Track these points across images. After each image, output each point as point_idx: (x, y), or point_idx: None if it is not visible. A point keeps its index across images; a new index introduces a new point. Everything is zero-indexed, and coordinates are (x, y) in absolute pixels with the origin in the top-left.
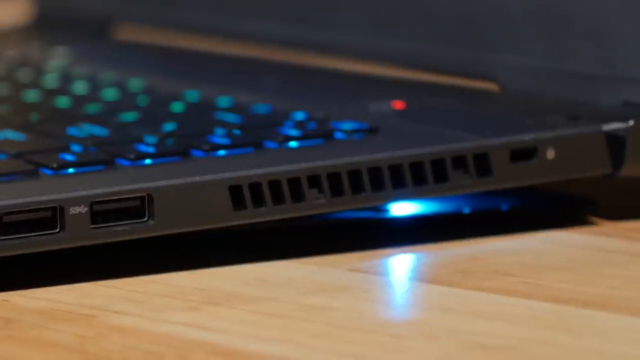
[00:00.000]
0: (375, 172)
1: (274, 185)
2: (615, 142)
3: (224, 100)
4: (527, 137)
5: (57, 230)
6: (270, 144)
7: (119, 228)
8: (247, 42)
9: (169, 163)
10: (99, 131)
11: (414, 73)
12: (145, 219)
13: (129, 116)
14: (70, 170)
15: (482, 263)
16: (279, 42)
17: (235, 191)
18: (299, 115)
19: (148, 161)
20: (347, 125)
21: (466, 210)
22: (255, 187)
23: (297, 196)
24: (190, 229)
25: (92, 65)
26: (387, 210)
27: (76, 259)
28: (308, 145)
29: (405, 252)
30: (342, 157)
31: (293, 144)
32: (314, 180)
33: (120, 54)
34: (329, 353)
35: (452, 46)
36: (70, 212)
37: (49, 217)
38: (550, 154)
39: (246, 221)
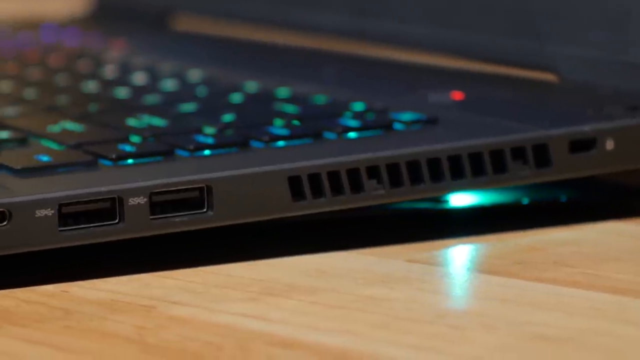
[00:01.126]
0: (434, 162)
1: (333, 176)
2: None
3: (283, 91)
4: (587, 128)
5: (116, 221)
6: (330, 135)
7: (178, 219)
8: (307, 33)
9: (228, 154)
10: (158, 122)
11: (473, 64)
12: (204, 209)
13: (188, 107)
14: (129, 161)
15: (540, 254)
16: (338, 32)
17: (294, 182)
18: (358, 106)
19: (207, 152)
20: (406, 116)
21: (525, 201)
22: (314, 178)
23: (356, 187)
24: (249, 220)
25: (151, 56)
26: (446, 201)
27: (135, 249)
28: (367, 136)
29: (464, 243)
30: (401, 148)
31: (352, 134)
32: (373, 171)
33: (179, 45)
34: (388, 344)
35: (512, 37)
36: (129, 203)
37: (108, 208)
38: (610, 144)
39: (305, 212)
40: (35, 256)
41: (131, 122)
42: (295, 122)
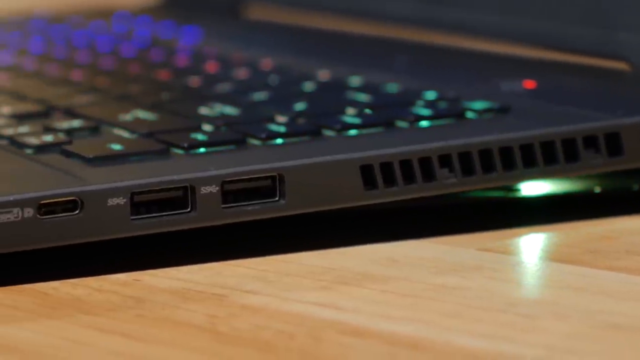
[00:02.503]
0: (506, 151)
1: (405, 164)
2: None
3: (355, 80)
4: None
5: (188, 209)
6: (402, 124)
7: (250, 208)
8: (378, 22)
9: (300, 142)
10: (230, 110)
11: (544, 52)
12: (276, 198)
13: (260, 95)
14: (201, 149)
15: (613, 242)
16: (410, 21)
17: (366, 171)
18: (430, 95)
19: (279, 140)
20: (478, 105)
21: (597, 189)
22: (386, 167)
23: (428, 176)
24: (321, 209)
25: (223, 45)
26: (518, 190)
27: (207, 238)
28: (439, 125)
29: (535, 231)
30: (473, 137)
31: (424, 123)
32: (445, 160)
33: (251, 34)
34: (460, 333)
35: (583, 25)
36: (201, 192)
37: (180, 197)
38: None
39: (377, 201)
40: (107, 245)
41: (203, 110)
42: (367, 111)
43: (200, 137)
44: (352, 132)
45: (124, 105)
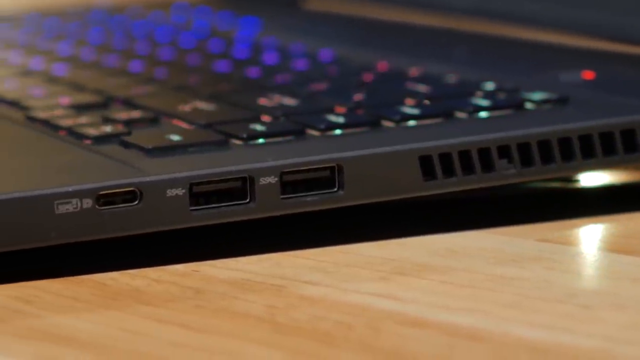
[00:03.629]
0: (565, 142)
1: (464, 155)
2: None
3: (414, 71)
4: None
5: (247, 200)
6: (461, 114)
7: (309, 198)
8: (438, 13)
9: (358, 133)
10: (289, 101)
11: (603, 43)
12: (335, 189)
13: (319, 86)
14: (260, 140)
15: None
16: (469, 12)
17: (425, 161)
18: (489, 86)
19: (338, 131)
20: (537, 96)
21: None
22: (445, 158)
23: (487, 166)
24: (380, 200)
25: (282, 36)
26: (576, 181)
27: (266, 229)
28: (498, 116)
29: (594, 222)
30: (532, 128)
31: (483, 114)
32: (504, 151)
33: (310, 24)
34: (518, 323)
35: None
36: (260, 183)
37: (239, 188)
38: None
39: (436, 191)
40: (166, 236)
41: (262, 101)
42: (426, 102)
43: (259, 127)
44: (411, 122)
45: (182, 96)
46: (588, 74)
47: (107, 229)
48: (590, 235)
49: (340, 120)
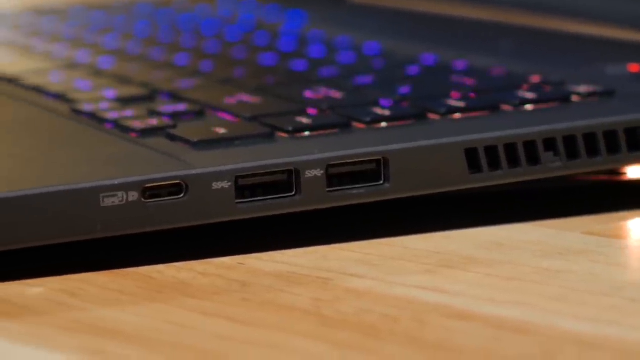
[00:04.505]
0: (611, 135)
1: (510, 148)
2: None
3: (460, 63)
4: None
5: (293, 193)
6: (506, 107)
7: (355, 191)
8: (483, 5)
9: (404, 126)
10: (335, 94)
11: None
12: (381, 182)
13: (365, 79)
14: (306, 133)
15: None
16: (515, 5)
17: (471, 154)
18: (535, 78)
19: (384, 124)
20: (583, 88)
21: None
22: (491, 150)
23: (533, 159)
24: (426, 192)
25: (328, 28)
26: (623, 173)
27: (312, 222)
28: (544, 108)
29: None
30: (578, 120)
31: (529, 106)
32: (550, 144)
33: (356, 17)
34: (565, 316)
35: None
36: (306, 175)
37: (285, 180)
38: None
39: (482, 184)
40: (212, 228)
41: (308, 94)
42: (472, 94)
43: (304, 120)
44: (457, 115)
45: (228, 89)
46: (634, 67)
47: (152, 222)
48: (636, 228)
49: (386, 113)
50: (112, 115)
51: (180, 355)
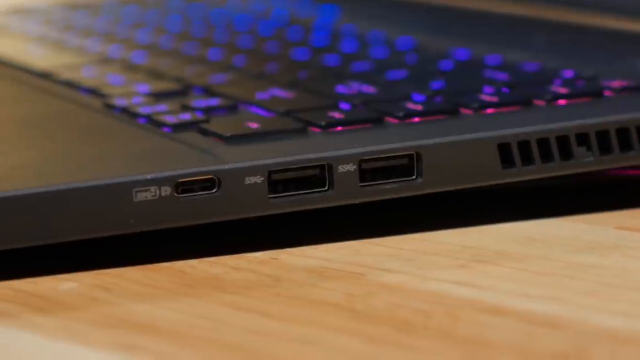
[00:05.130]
0: None
1: (543, 143)
2: None
3: (493, 58)
4: None
5: (326, 188)
6: (539, 102)
7: (388, 186)
8: (517, 0)
9: (437, 121)
10: (368, 89)
11: None
12: (414, 177)
13: (398, 74)
14: (339, 128)
15: None
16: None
17: (504, 149)
18: (568, 73)
19: (416, 119)
20: (616, 83)
21: None
22: (524, 145)
23: (566, 154)
24: (459, 187)
25: (360, 23)
26: None
27: (344, 217)
28: (576, 103)
29: None
30: (610, 115)
31: (561, 101)
32: (582, 138)
33: (389, 12)
34: (597, 311)
35: None
36: (339, 170)
37: (317, 175)
38: None
39: (515, 179)
40: (244, 223)
41: (341, 89)
42: (505, 89)
43: (337, 115)
44: (490, 110)
45: (261, 84)
46: None
47: (185, 217)
48: None
49: (419, 108)
50: (144, 110)
51: (213, 350)
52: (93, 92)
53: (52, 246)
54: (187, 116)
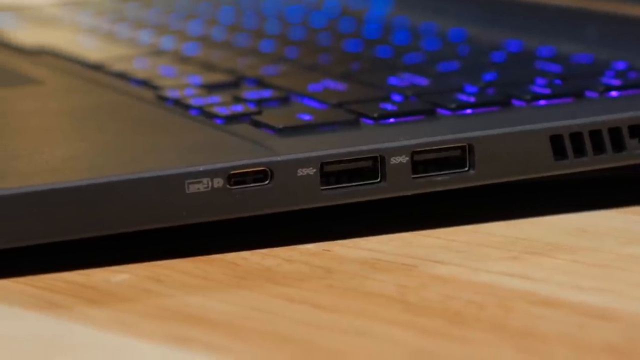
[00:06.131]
0: None
1: (595, 135)
2: None
3: (545, 50)
4: None
5: (378, 180)
6: (591, 94)
7: (440, 178)
8: None
9: (489, 113)
10: (420, 81)
11: None
12: (466, 168)
13: (450, 66)
14: (391, 120)
15: None
16: None
17: (556, 141)
18: (620, 65)
19: (468, 111)
20: None
21: None
22: (576, 137)
23: (618, 146)
24: (511, 179)
25: (412, 15)
26: None
27: (396, 208)
28: (629, 95)
29: None
30: None
31: (614, 93)
32: (635, 130)
33: (441, 3)
34: None
35: None
36: (391, 162)
37: (370, 167)
38: None
39: (567, 171)
40: (296, 215)
41: (393, 81)
42: (557, 81)
43: (389, 107)
44: (542, 102)
45: (313, 75)
46: None
47: (237, 209)
48: None
49: (471, 99)
50: (197, 101)
51: (266, 342)
52: (145, 83)
53: (104, 238)
54: (239, 108)
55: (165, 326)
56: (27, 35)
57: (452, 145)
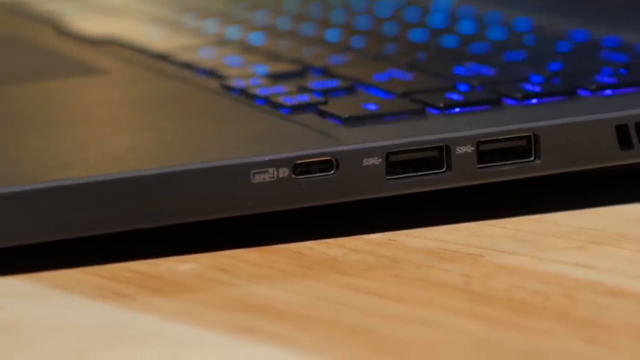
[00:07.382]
0: None
1: None
2: None
3: (611, 40)
4: None
5: (444, 169)
6: None
7: (505, 168)
8: None
9: (555, 102)
10: (486, 70)
11: None
12: (532, 158)
13: (516, 55)
14: (457, 109)
15: None
16: None
17: (621, 130)
18: None
19: (534, 100)
20: None
21: None
22: None
23: None
24: (576, 169)
25: (478, 4)
26: None
27: (461, 198)
28: None
29: None
30: None
31: None
32: None
33: None
34: None
35: None
36: (456, 152)
37: (435, 157)
38: None
39: (633, 161)
40: (362, 205)
41: (459, 70)
42: (623, 71)
43: (455, 97)
44: (608, 92)
45: (379, 65)
46: None
47: (303, 198)
48: None
49: (537, 89)
50: (262, 91)
51: (331, 332)
52: (210, 73)
53: (169, 227)
54: (304, 98)
55: (231, 316)
56: (92, 25)
57: (517, 135)
